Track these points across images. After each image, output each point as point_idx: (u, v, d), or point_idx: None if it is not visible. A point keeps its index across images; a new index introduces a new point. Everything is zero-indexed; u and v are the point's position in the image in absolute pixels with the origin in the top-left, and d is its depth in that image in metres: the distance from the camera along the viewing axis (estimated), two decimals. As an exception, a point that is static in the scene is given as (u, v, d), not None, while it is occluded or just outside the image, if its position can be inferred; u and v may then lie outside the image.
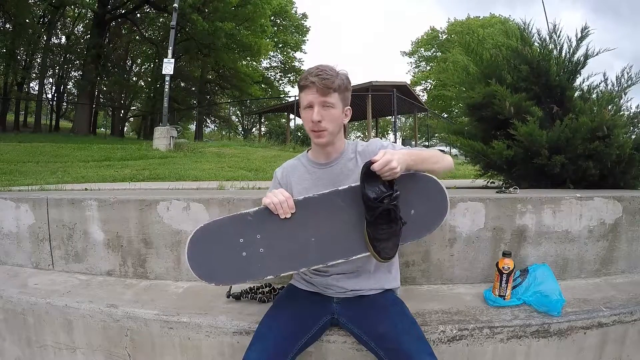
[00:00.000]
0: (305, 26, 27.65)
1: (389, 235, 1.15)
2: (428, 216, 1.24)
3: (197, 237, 1.22)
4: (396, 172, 1.11)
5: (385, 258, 1.16)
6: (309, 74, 1.22)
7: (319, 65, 1.24)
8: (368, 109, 13.96)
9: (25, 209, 1.98)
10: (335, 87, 1.21)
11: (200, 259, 1.21)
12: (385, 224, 1.14)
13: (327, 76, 1.20)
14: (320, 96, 1.21)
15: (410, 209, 1.21)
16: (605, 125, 2.16)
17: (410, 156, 1.19)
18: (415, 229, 1.23)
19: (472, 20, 29.47)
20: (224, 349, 1.42)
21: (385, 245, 1.15)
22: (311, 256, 1.21)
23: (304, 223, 1.21)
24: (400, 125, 31.69)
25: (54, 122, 22.26)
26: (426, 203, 1.23)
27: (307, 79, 1.21)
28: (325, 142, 1.28)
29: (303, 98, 1.24)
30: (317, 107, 1.21)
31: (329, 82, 1.20)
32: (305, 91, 1.23)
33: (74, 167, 5.62)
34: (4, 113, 18.33)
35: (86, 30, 19.34)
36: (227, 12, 16.64)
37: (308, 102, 1.23)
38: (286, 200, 1.19)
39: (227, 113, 27.46)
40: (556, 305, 1.43)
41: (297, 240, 1.21)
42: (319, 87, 1.19)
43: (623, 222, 1.83)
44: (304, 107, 1.24)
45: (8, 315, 1.66)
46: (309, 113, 1.23)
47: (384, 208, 1.11)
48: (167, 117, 9.70)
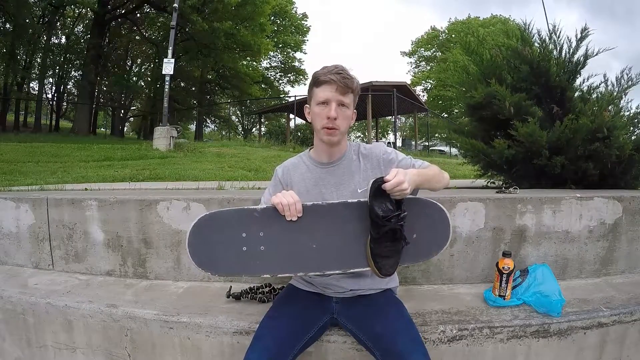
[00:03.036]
0: (305, 26, 27.68)
1: (391, 253, 1.15)
2: (429, 243, 1.24)
3: (200, 224, 1.21)
4: (406, 193, 1.11)
5: (385, 275, 1.16)
6: (329, 71, 1.21)
7: (337, 65, 1.24)
8: (368, 109, 13.95)
9: (25, 209, 1.98)
10: (353, 88, 1.23)
11: (200, 246, 1.20)
12: (390, 241, 1.14)
13: (347, 76, 1.21)
14: (339, 94, 1.21)
15: (412, 233, 1.21)
16: (605, 126, 2.16)
17: (419, 176, 1.19)
18: (415, 253, 1.23)
19: (473, 20, 29.47)
20: (224, 349, 1.42)
21: (386, 262, 1.15)
22: (310, 262, 1.21)
23: (308, 229, 1.21)
24: (400, 125, 31.67)
25: (54, 122, 22.24)
26: (429, 230, 1.23)
27: (328, 75, 1.21)
28: (336, 141, 1.28)
29: (319, 93, 1.23)
30: (334, 104, 1.21)
31: (349, 82, 1.21)
32: (323, 87, 1.22)
33: (74, 167, 5.62)
34: (4, 113, 18.33)
35: (86, 30, 19.32)
36: (227, 12, 16.64)
37: (325, 98, 1.22)
38: (295, 204, 1.18)
39: (227, 113, 27.46)
40: (556, 306, 1.43)
41: (298, 245, 1.21)
42: (340, 85, 1.20)
43: (623, 222, 1.83)
44: (319, 102, 1.23)
45: (8, 316, 1.66)
46: (324, 109, 1.22)
47: (390, 227, 1.11)
48: (167, 117, 9.69)
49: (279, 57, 28.11)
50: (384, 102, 14.84)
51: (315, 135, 1.31)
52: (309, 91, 1.29)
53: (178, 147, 8.85)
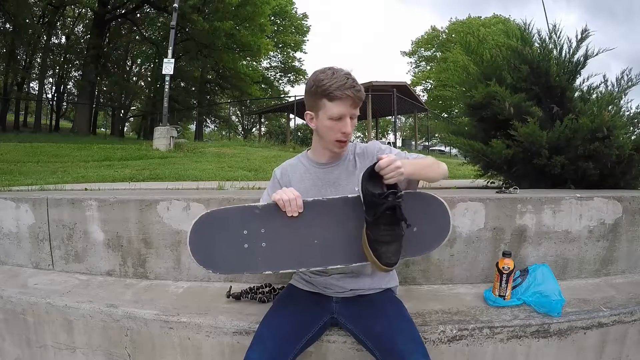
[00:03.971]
0: (305, 26, 27.67)
1: (391, 238, 1.09)
2: (430, 235, 1.24)
3: (201, 222, 1.21)
4: (401, 172, 1.09)
5: (386, 264, 1.09)
6: (344, 86, 1.16)
7: (347, 74, 1.19)
8: (368, 109, 13.96)
9: (25, 209, 1.98)
10: (363, 99, 1.21)
11: (201, 244, 1.21)
12: (389, 224, 1.08)
13: (359, 88, 1.19)
14: (353, 109, 1.20)
15: (413, 227, 1.20)
16: (605, 126, 2.16)
17: (412, 165, 1.18)
18: (416, 246, 1.23)
19: (473, 20, 29.45)
20: (224, 349, 1.42)
21: (386, 249, 1.09)
22: (312, 258, 1.21)
23: (309, 224, 1.21)
24: (400, 125, 31.70)
25: (54, 122, 22.24)
26: (429, 222, 1.23)
27: (344, 91, 1.16)
28: (345, 151, 1.29)
29: (332, 109, 1.18)
30: (349, 119, 1.20)
31: (361, 95, 1.19)
32: (338, 102, 1.17)
33: (74, 167, 5.62)
34: (4, 113, 18.32)
35: (86, 30, 19.31)
36: (227, 12, 16.63)
37: (340, 113, 1.18)
38: (295, 199, 1.18)
39: (227, 113, 27.41)
40: (556, 306, 1.43)
41: (300, 240, 1.21)
42: (355, 100, 1.18)
43: (623, 222, 1.83)
44: (334, 117, 1.19)
45: (8, 315, 1.66)
46: (339, 125, 1.20)
47: (388, 205, 1.05)
48: (167, 117, 9.69)
49: (279, 57, 28.12)
50: (384, 102, 14.84)
51: (318, 139, 1.30)
52: (316, 99, 1.21)
53: (178, 147, 8.85)
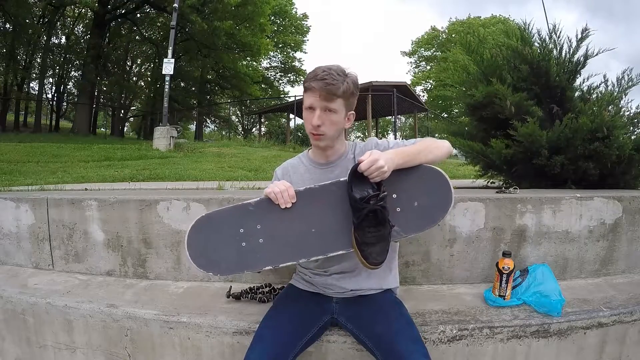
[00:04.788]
0: (306, 26, 27.66)
1: (376, 239, 1.10)
2: (432, 208, 1.21)
3: (198, 226, 1.21)
4: (384, 172, 1.09)
5: (373, 264, 1.10)
6: (315, 77, 1.17)
7: (328, 67, 1.19)
8: (368, 109, 13.94)
9: (25, 209, 1.98)
10: (339, 94, 1.17)
11: (200, 248, 1.21)
12: (373, 226, 1.10)
13: (332, 81, 1.15)
14: (323, 101, 1.18)
15: (413, 201, 1.19)
16: (605, 126, 2.16)
17: (398, 154, 1.16)
18: (419, 220, 1.20)
19: (473, 20, 29.44)
20: (224, 349, 1.42)
21: (372, 250, 1.10)
22: (311, 247, 1.20)
23: (304, 214, 1.20)
24: (400, 125, 31.67)
25: (54, 122, 22.21)
26: (430, 195, 1.20)
27: (311, 82, 1.18)
28: (323, 146, 1.28)
29: (305, 99, 1.22)
30: (318, 111, 1.19)
31: (333, 89, 1.16)
32: (308, 93, 1.20)
33: (74, 167, 5.63)
34: (4, 113, 18.30)
35: (86, 30, 19.30)
36: (227, 12, 16.63)
37: (310, 104, 1.20)
38: (287, 190, 1.18)
39: (227, 113, 27.41)
40: (556, 306, 1.43)
41: (297, 231, 1.21)
42: (322, 92, 1.16)
43: (623, 222, 1.83)
44: (306, 107, 1.22)
45: (8, 315, 1.67)
46: (310, 115, 1.21)
47: (369, 209, 1.07)
48: (167, 117, 9.70)
49: (279, 57, 28.10)
50: (384, 102, 14.82)
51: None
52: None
53: (178, 147, 8.86)
